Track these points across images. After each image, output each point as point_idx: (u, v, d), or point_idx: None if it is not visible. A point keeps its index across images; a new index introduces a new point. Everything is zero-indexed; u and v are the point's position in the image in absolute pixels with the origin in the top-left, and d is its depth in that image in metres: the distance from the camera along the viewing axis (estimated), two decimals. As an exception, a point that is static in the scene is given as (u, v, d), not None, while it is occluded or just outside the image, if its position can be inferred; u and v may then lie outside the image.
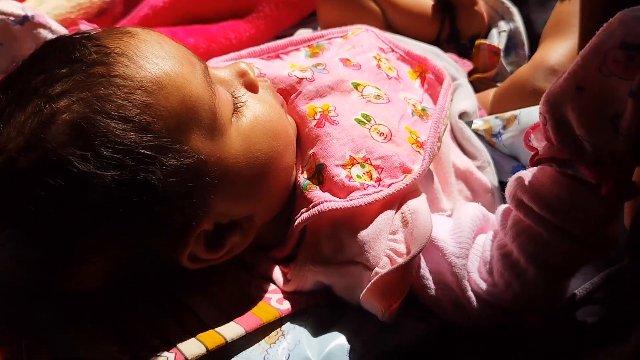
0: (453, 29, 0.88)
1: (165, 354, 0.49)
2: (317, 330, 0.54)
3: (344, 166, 0.58)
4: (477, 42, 0.87)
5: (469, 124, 0.74)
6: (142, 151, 0.47)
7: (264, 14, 0.91)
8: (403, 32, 0.86)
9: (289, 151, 0.59)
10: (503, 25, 0.89)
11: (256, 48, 0.72)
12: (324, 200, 0.57)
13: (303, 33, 0.86)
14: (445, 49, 0.86)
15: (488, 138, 0.73)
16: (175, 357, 0.49)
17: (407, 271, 0.53)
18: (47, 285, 0.51)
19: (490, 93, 0.82)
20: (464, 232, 0.56)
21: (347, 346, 0.53)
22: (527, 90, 0.75)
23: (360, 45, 0.70)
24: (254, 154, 0.55)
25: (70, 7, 0.91)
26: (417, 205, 0.57)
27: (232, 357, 0.51)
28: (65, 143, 0.45)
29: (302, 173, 0.60)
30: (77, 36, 0.52)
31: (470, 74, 0.87)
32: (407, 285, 0.54)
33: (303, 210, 0.58)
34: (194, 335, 0.51)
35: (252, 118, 0.56)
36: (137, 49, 0.49)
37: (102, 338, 0.51)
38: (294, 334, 0.53)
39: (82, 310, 0.53)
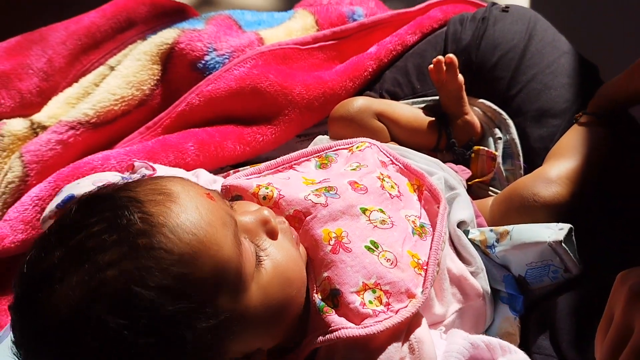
0: (449, 138, 0.97)
1: None
2: None
3: (357, 293, 0.65)
4: (475, 147, 0.97)
5: (466, 232, 0.82)
6: (176, 318, 0.52)
7: (289, 118, 1.01)
8: (406, 143, 0.95)
9: (301, 292, 0.65)
10: (499, 133, 0.97)
11: (272, 162, 0.80)
12: (341, 327, 0.63)
13: (322, 139, 0.96)
14: (444, 156, 0.96)
15: (483, 248, 0.81)
16: None
17: None
18: None
19: (489, 201, 0.91)
20: None
21: None
22: (527, 194, 0.82)
23: (365, 165, 0.79)
24: (270, 303, 0.61)
25: (113, 100, 1.01)
26: (423, 335, 0.64)
27: None
28: (108, 312, 0.51)
29: (316, 293, 0.67)
30: (123, 194, 0.57)
31: (468, 179, 0.97)
32: None
33: (320, 332, 0.64)
34: None
35: (272, 269, 0.62)
36: (178, 218, 0.55)
37: None
38: None
39: None
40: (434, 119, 0.99)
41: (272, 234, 0.65)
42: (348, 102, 0.99)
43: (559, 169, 0.84)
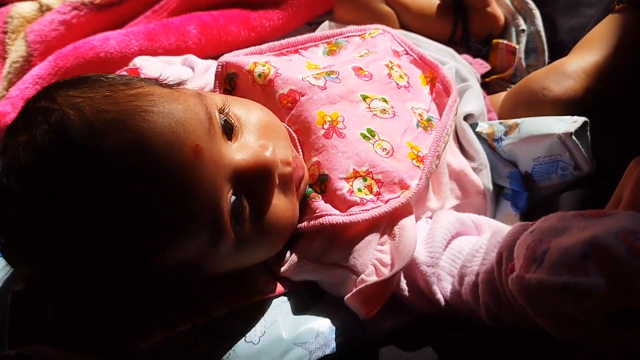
0: (465, 31, 0.89)
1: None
2: (295, 312, 0.60)
3: (347, 179, 0.62)
4: (494, 41, 0.88)
5: (474, 125, 0.77)
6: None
7: (299, 2, 0.94)
8: (417, 33, 0.87)
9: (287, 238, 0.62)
10: (522, 24, 0.89)
11: (276, 43, 0.75)
12: (326, 214, 0.61)
13: (329, 25, 0.90)
14: (459, 51, 0.87)
15: (490, 142, 0.75)
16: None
17: (389, 283, 0.58)
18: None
19: (502, 95, 0.84)
20: (435, 242, 0.60)
21: (318, 330, 0.58)
22: (536, 88, 0.75)
23: (374, 52, 0.73)
24: (248, 254, 0.59)
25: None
26: (406, 222, 0.61)
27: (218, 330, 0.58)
28: None
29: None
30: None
31: (488, 74, 0.89)
32: (388, 294, 0.59)
33: (305, 218, 0.63)
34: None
35: (256, 228, 0.57)
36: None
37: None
38: (273, 313, 0.59)
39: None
40: (449, 7, 0.90)
41: (267, 188, 0.58)
42: None
43: (578, 62, 0.76)
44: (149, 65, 0.80)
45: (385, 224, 0.63)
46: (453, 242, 0.61)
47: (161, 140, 0.50)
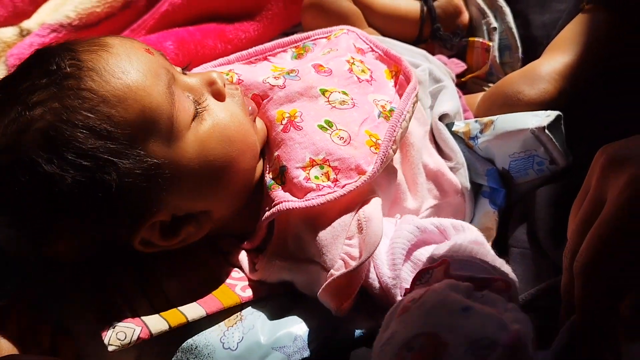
0: (433, 22, 0.89)
1: (133, 325, 0.56)
2: (272, 317, 0.60)
3: (303, 168, 0.63)
4: (470, 39, 0.89)
5: (451, 125, 0.77)
6: (101, 155, 0.54)
7: (272, 13, 0.95)
8: (384, 33, 0.88)
9: (246, 156, 0.64)
10: (494, 22, 0.89)
11: (244, 52, 0.76)
12: (283, 200, 0.62)
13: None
14: (432, 51, 0.88)
15: (466, 140, 0.75)
16: (141, 330, 0.55)
17: (356, 275, 0.58)
18: (34, 255, 0.62)
19: (479, 96, 0.84)
20: (396, 254, 0.59)
21: (295, 334, 0.58)
22: (511, 92, 0.75)
23: (336, 50, 0.74)
24: (207, 157, 0.60)
25: (96, 2, 0.97)
26: (372, 212, 0.61)
27: (193, 335, 0.58)
28: (36, 147, 0.54)
29: (268, 173, 0.65)
30: (61, 47, 0.60)
31: (464, 73, 0.90)
32: (357, 286, 0.58)
33: (267, 208, 0.63)
34: (158, 312, 0.58)
35: (211, 124, 0.61)
36: (107, 64, 0.57)
37: (84, 308, 0.60)
38: (251, 319, 0.59)
39: (68, 281, 0.63)
40: (416, 4, 0.91)
41: (218, 95, 0.64)
42: None
43: (551, 63, 0.76)
44: None
45: (352, 215, 0.62)
46: (415, 253, 0.60)
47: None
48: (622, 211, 0.43)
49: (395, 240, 0.60)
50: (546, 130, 0.67)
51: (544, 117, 0.69)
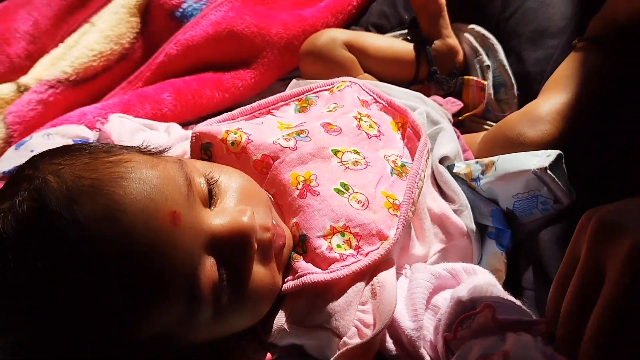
0: (430, 65, 0.90)
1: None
2: None
3: (325, 237, 0.62)
4: (465, 77, 0.90)
5: (451, 167, 0.77)
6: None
7: (268, 60, 0.96)
8: (380, 77, 0.89)
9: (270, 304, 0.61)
10: (487, 60, 0.90)
11: (248, 107, 0.75)
12: (307, 273, 0.61)
13: (297, 83, 0.91)
14: (428, 92, 0.89)
15: (468, 182, 0.75)
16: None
17: (371, 344, 0.57)
18: None
19: (479, 136, 0.84)
20: (417, 305, 0.58)
21: None
22: (512, 135, 0.76)
23: (342, 106, 0.74)
24: (228, 327, 0.59)
25: (92, 56, 0.99)
26: (386, 278, 0.60)
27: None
28: None
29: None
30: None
31: (461, 111, 0.90)
32: (372, 355, 0.57)
33: (289, 278, 0.62)
34: None
35: (236, 301, 0.56)
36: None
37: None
38: None
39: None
40: (410, 46, 0.92)
41: (246, 255, 0.57)
42: (313, 36, 0.94)
43: (551, 103, 0.77)
44: (119, 129, 0.80)
45: (366, 280, 0.61)
46: (433, 299, 0.60)
47: (136, 206, 0.50)
48: (630, 288, 0.40)
49: (414, 291, 0.60)
50: (548, 171, 0.67)
51: (544, 157, 0.69)
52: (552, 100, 0.76)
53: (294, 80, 0.89)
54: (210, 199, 0.59)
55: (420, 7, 0.90)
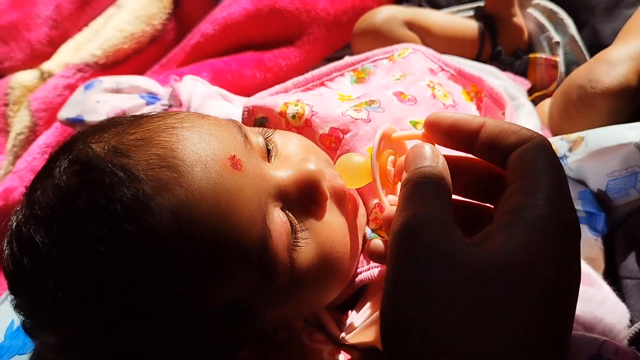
0: (494, 46, 0.83)
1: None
2: None
3: None
4: (531, 55, 0.82)
5: (531, 145, 0.69)
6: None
7: (314, 37, 0.89)
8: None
9: (350, 271, 0.53)
10: (556, 36, 0.83)
11: (300, 78, 0.68)
12: None
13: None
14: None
15: (552, 161, 0.68)
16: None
17: None
18: None
19: (545, 104, 0.77)
20: None
21: None
22: (584, 84, 0.69)
23: (411, 73, 0.67)
24: (306, 292, 0.49)
25: (122, 38, 0.93)
26: None
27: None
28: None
29: (367, 223, 0.56)
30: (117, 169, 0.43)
31: (529, 92, 0.83)
32: None
33: (364, 268, 0.54)
34: None
35: (312, 257, 0.48)
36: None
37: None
38: None
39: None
40: (474, 24, 0.85)
41: (317, 202, 0.49)
42: (371, 13, 0.86)
43: (623, 48, 0.69)
44: (191, 91, 0.73)
45: None
46: None
47: (191, 150, 0.44)
48: None
49: None
50: (652, 143, 0.60)
51: (644, 128, 0.62)
52: (625, 45, 0.69)
53: (346, 58, 0.81)
54: (268, 155, 0.51)
55: None
